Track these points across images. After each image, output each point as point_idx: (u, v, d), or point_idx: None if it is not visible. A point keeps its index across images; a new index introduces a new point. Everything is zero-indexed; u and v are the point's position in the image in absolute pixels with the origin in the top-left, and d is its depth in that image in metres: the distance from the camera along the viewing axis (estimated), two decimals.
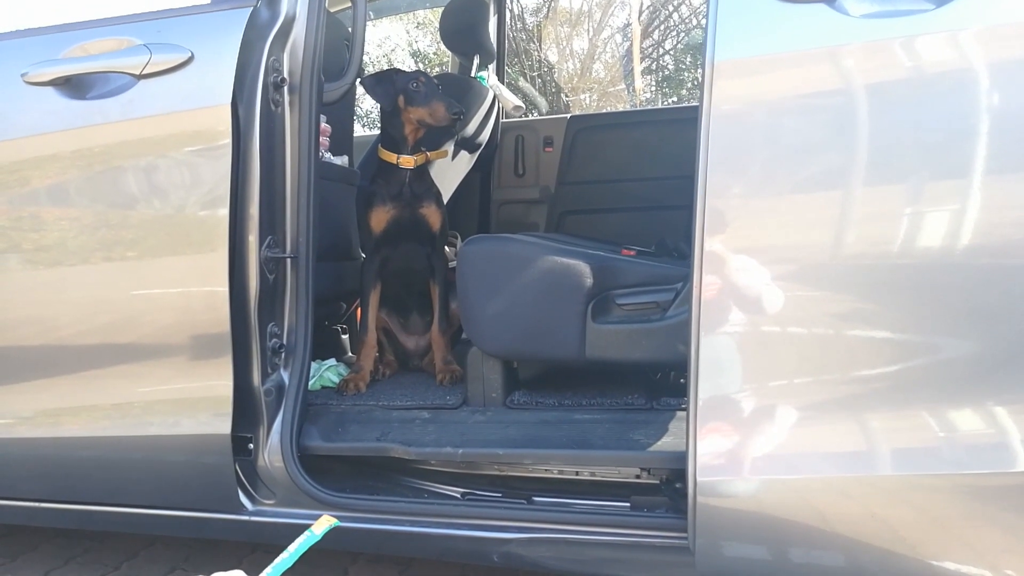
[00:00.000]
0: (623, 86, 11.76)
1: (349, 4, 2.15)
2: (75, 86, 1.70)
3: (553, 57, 11.87)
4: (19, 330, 1.81)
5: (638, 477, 1.70)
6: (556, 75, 11.60)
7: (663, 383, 2.00)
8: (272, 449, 1.73)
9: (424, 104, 2.23)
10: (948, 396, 1.33)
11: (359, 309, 2.39)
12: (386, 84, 2.26)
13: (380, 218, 2.26)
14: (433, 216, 2.30)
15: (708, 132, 1.35)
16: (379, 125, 2.41)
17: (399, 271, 2.35)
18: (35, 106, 1.71)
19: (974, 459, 1.33)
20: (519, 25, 10.35)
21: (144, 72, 1.65)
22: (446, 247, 2.43)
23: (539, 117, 4.77)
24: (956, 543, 1.38)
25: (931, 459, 1.35)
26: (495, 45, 3.38)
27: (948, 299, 1.31)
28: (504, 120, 3.49)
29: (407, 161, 2.26)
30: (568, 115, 3.52)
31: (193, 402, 1.73)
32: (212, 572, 1.30)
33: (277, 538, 1.60)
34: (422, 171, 2.32)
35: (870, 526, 1.38)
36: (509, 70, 3.74)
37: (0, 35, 1.84)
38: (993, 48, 1.29)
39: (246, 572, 1.28)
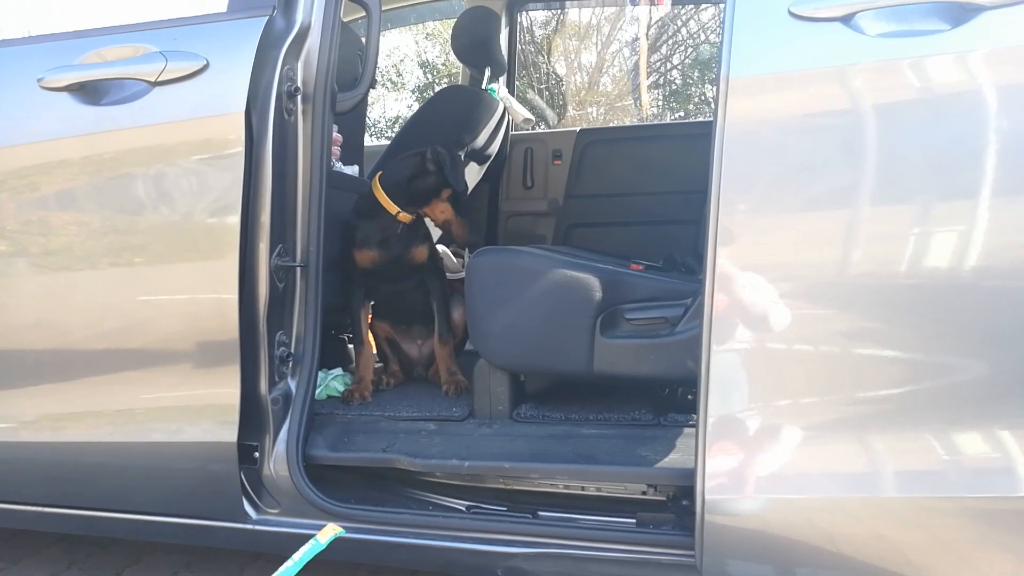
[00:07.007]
0: (630, 100, 11.79)
1: (363, 14, 2.14)
2: (90, 92, 1.70)
3: (561, 70, 11.92)
4: (24, 334, 1.80)
5: (644, 493, 1.69)
6: (564, 88, 11.63)
7: (670, 399, 1.99)
8: (278, 458, 1.72)
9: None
10: (956, 418, 1.33)
11: None
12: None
13: (365, 258, 2.20)
14: (419, 255, 2.25)
15: (722, 149, 1.35)
16: (388, 165, 2.29)
17: (391, 293, 2.33)
18: (51, 112, 1.72)
19: (982, 482, 1.33)
20: (528, 38, 10.39)
21: (159, 79, 1.65)
22: (455, 257, 2.42)
23: (548, 130, 4.78)
24: (965, 567, 1.37)
25: (939, 481, 1.34)
26: (505, 58, 3.39)
27: (956, 320, 1.31)
28: (513, 132, 3.50)
29: (406, 217, 2.20)
30: (577, 128, 3.53)
31: (199, 409, 1.73)
32: None
33: (280, 547, 1.59)
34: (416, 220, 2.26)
35: (877, 548, 1.38)
36: (518, 83, 3.74)
37: (18, 40, 1.86)
38: (1008, 70, 1.29)
39: None
